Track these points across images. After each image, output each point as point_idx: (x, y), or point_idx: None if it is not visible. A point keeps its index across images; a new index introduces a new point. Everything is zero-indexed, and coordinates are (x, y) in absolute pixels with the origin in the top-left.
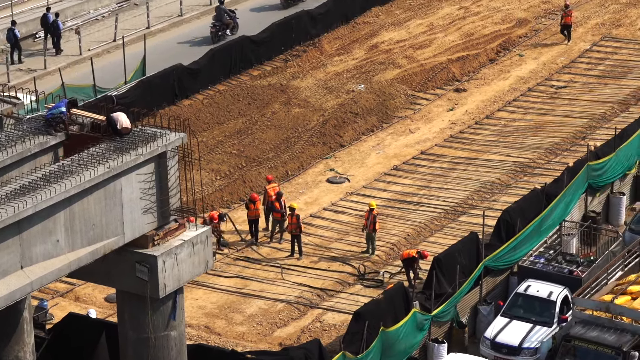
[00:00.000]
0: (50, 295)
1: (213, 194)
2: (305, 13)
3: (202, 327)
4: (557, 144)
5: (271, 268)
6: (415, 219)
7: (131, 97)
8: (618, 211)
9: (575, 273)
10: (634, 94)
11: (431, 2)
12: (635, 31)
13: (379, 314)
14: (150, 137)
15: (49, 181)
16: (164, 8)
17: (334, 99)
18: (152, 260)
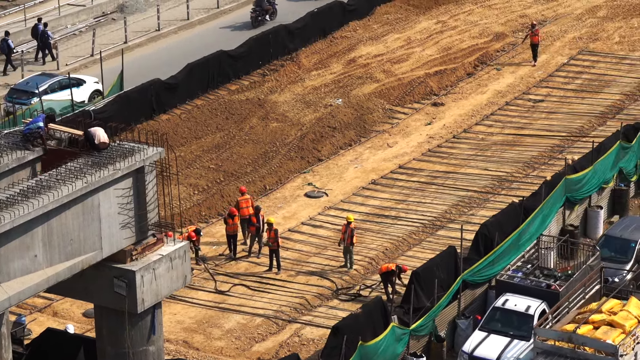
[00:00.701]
0: (28, 310)
1: (191, 208)
2: (283, 27)
3: (181, 342)
4: (534, 158)
5: (249, 283)
6: (393, 233)
7: (109, 111)
8: (596, 225)
9: (552, 287)
10: (612, 108)
11: (409, 16)
12: (612, 45)
13: (358, 328)
14: (128, 151)
15: (27, 196)
16: (141, 23)
17: (311, 114)
18: (130, 275)
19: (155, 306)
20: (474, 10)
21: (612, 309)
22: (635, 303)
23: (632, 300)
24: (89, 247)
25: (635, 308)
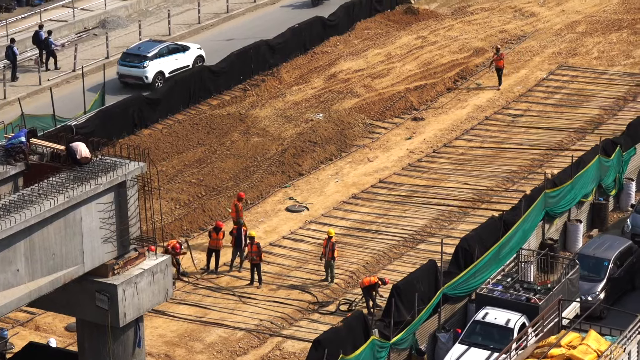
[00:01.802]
0: (10, 324)
1: (173, 222)
2: (264, 43)
3: (162, 356)
4: (514, 172)
5: (231, 297)
6: (374, 247)
7: (91, 126)
8: (575, 238)
9: (532, 300)
10: (591, 122)
11: (389, 31)
12: (591, 60)
13: (339, 341)
14: (109, 166)
15: (9, 211)
16: (123, 38)
17: (292, 128)
18: (112, 289)
19: (138, 320)
20: (454, 25)
21: (571, 342)
22: (594, 336)
23: (591, 333)
24: (71, 261)
25: (595, 342)
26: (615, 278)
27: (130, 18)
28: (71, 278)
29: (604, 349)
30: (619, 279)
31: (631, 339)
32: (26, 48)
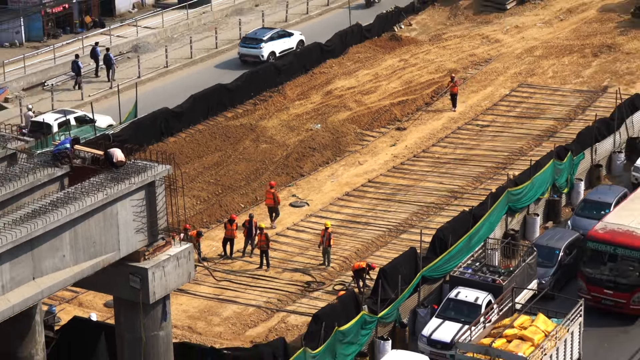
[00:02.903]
0: (57, 301)
1: (194, 216)
2: (271, 65)
3: (186, 328)
4: (482, 174)
5: (243, 278)
6: (363, 236)
7: (125, 135)
8: (533, 229)
9: (497, 281)
10: (546, 132)
11: (376, 55)
12: (546, 79)
13: (334, 316)
14: (141, 168)
15: (57, 206)
16: (152, 61)
17: (295, 137)
18: (143, 272)
19: (165, 297)
20: (431, 50)
21: (523, 324)
22: (542, 319)
23: (539, 316)
24: (109, 248)
25: (543, 323)
26: (565, 265)
27: (158, 43)
28: (109, 263)
29: (550, 329)
30: (568, 266)
31: (574, 321)
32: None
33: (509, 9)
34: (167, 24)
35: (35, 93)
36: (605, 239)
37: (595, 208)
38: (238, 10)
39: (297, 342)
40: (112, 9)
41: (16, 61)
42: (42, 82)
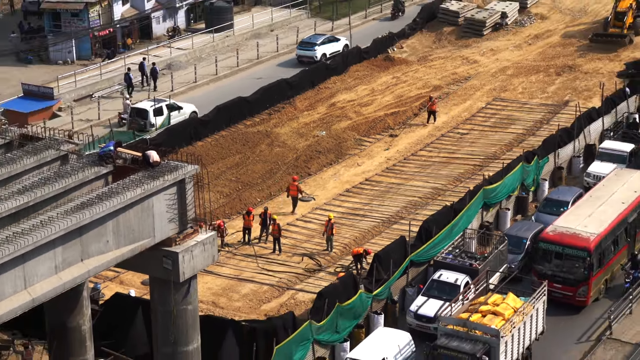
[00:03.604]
0: (102, 279)
1: (218, 208)
2: (284, 81)
3: (210, 303)
4: (461, 174)
5: (259, 261)
6: (361, 226)
7: (160, 139)
8: (504, 222)
9: (473, 265)
10: (516, 139)
11: (373, 73)
12: (517, 94)
13: (336, 294)
14: (173, 168)
15: (102, 199)
16: (183, 77)
17: (304, 142)
18: (174, 255)
19: (192, 277)
20: (419, 69)
21: (495, 301)
22: (512, 297)
23: (509, 295)
24: (145, 235)
25: (512, 301)
26: (530, 252)
27: (188, 62)
28: (145, 247)
29: (519, 306)
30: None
31: (539, 299)
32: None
33: (485, 34)
34: (196, 46)
35: (84, 103)
36: (554, 240)
37: (556, 206)
38: (256, 35)
39: (304, 315)
40: (149, 32)
41: (68, 76)
42: (90, 94)
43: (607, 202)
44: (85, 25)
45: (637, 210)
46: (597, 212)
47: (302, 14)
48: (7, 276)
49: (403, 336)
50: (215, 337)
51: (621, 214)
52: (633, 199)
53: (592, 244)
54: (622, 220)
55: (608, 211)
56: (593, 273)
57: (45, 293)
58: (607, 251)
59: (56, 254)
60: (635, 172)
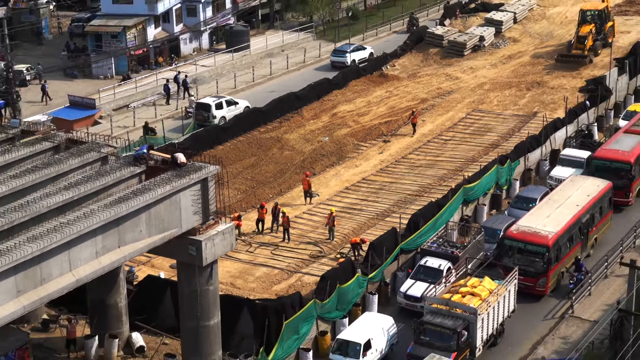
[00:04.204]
0: (136, 263)
1: (236, 203)
2: (293, 94)
3: (229, 284)
4: (445, 174)
5: (270, 248)
6: (358, 219)
7: (186, 144)
8: (482, 215)
9: (455, 253)
10: (492, 144)
11: (368, 87)
12: (492, 106)
13: (337, 276)
14: (197, 168)
15: (136, 194)
16: (207, 90)
17: (309, 146)
18: (198, 243)
19: (213, 262)
20: (409, 84)
21: (473, 284)
22: (488, 281)
23: (485, 278)
24: (173, 225)
25: (488, 284)
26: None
27: (211, 77)
28: (173, 236)
29: (493, 288)
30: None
31: (510, 282)
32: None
33: (466, 55)
34: (218, 63)
35: (121, 112)
36: (517, 238)
37: (525, 202)
38: (269, 54)
39: (309, 295)
40: (178, 51)
41: (108, 89)
42: (127, 104)
43: (564, 205)
44: (123, 46)
45: (589, 211)
46: (555, 214)
47: (309, 36)
48: (54, 260)
49: (387, 320)
50: (233, 313)
51: (576, 215)
52: (586, 202)
53: (551, 241)
54: (577, 220)
55: (564, 212)
56: (551, 266)
57: (88, 275)
58: (563, 247)
59: (97, 241)
60: (588, 179)
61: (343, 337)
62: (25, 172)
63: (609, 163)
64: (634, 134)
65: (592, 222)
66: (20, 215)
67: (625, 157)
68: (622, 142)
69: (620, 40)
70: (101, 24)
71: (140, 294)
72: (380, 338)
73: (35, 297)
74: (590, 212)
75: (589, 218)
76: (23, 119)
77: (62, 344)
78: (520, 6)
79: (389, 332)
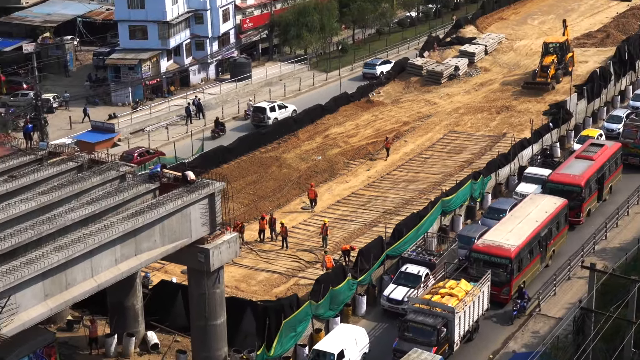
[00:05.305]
0: (151, 269)
1: (239, 215)
2: (290, 118)
3: (233, 287)
4: (425, 189)
5: (271, 255)
6: (348, 229)
7: (195, 163)
8: (458, 224)
9: (432, 260)
10: (466, 162)
11: (357, 112)
12: (466, 128)
13: (330, 280)
14: (205, 184)
15: (151, 208)
16: (213, 115)
17: (305, 164)
18: (206, 251)
19: (220, 268)
20: (392, 109)
21: (451, 286)
22: (464, 283)
23: (462, 281)
24: (184, 235)
25: (464, 285)
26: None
27: (217, 104)
28: (184, 245)
29: (469, 289)
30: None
31: (484, 284)
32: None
33: (443, 83)
34: (223, 91)
35: (137, 135)
36: (483, 251)
37: (497, 213)
38: (269, 83)
39: (305, 297)
40: (188, 81)
41: (125, 115)
42: (142, 129)
43: (525, 220)
44: (139, 76)
45: (547, 226)
46: (517, 228)
47: (303, 67)
48: (78, 267)
49: (359, 331)
50: (237, 313)
51: (535, 230)
52: (544, 218)
53: (513, 254)
54: (537, 234)
55: (525, 227)
56: (514, 277)
57: (108, 280)
58: (524, 259)
59: (116, 250)
60: (546, 196)
61: (318, 347)
62: (52, 189)
63: (562, 186)
64: (585, 159)
65: (550, 235)
66: (48, 228)
67: (576, 180)
68: (573, 167)
69: (579, 69)
70: (120, 57)
71: (155, 297)
72: (353, 348)
73: (61, 300)
74: (548, 226)
75: (547, 232)
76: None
77: (84, 342)
78: (491, 40)
79: (361, 343)
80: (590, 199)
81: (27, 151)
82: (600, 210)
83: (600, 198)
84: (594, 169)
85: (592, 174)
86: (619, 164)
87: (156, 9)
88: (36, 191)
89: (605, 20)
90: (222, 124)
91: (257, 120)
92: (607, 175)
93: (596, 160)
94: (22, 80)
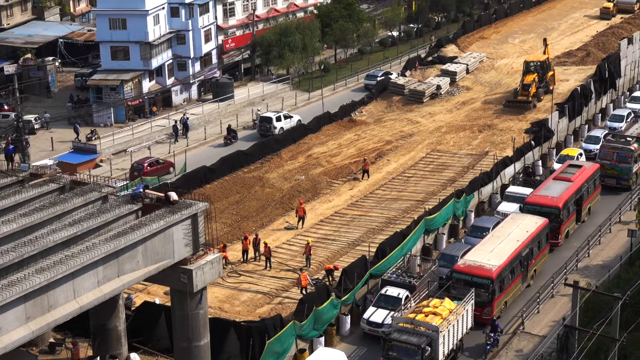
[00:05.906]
0: (133, 291)
1: (222, 235)
2: (273, 138)
3: (216, 308)
4: (408, 207)
5: (254, 275)
6: (332, 248)
7: (178, 183)
8: (441, 243)
9: (412, 282)
10: (449, 180)
11: (340, 131)
12: (449, 147)
13: (313, 299)
14: (188, 205)
15: (134, 229)
16: (196, 135)
17: (288, 184)
18: (189, 271)
19: (203, 288)
20: (375, 128)
21: (435, 305)
22: (448, 302)
23: (446, 300)
24: (167, 256)
25: (448, 304)
26: None
27: (199, 124)
28: (167, 266)
29: (453, 308)
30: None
31: (468, 302)
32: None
33: (425, 102)
34: (205, 111)
35: (120, 156)
36: (464, 271)
37: (480, 231)
38: (251, 103)
39: (289, 317)
40: (170, 102)
41: (107, 136)
42: (125, 149)
43: (506, 240)
44: (121, 97)
45: (529, 246)
46: (498, 248)
47: (285, 87)
48: (60, 289)
49: (339, 355)
50: (221, 334)
51: (516, 250)
52: (525, 237)
53: (494, 274)
54: (517, 254)
55: (506, 247)
56: (495, 297)
57: (90, 302)
58: (506, 279)
59: (98, 271)
60: (527, 216)
61: None
62: (34, 210)
63: (540, 208)
64: (563, 181)
65: (531, 255)
66: (30, 250)
67: (554, 202)
68: (551, 189)
69: (560, 87)
70: (102, 78)
71: (138, 318)
72: None
73: (43, 322)
74: (529, 246)
75: (529, 252)
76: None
77: None
78: (472, 59)
79: None
80: (569, 221)
81: (8, 173)
82: (579, 232)
83: (579, 220)
84: (572, 191)
85: (570, 196)
86: (597, 185)
87: (138, 30)
88: (18, 213)
89: (585, 39)
90: (234, 132)
91: (264, 129)
92: (585, 196)
93: (574, 182)
94: (3, 101)
